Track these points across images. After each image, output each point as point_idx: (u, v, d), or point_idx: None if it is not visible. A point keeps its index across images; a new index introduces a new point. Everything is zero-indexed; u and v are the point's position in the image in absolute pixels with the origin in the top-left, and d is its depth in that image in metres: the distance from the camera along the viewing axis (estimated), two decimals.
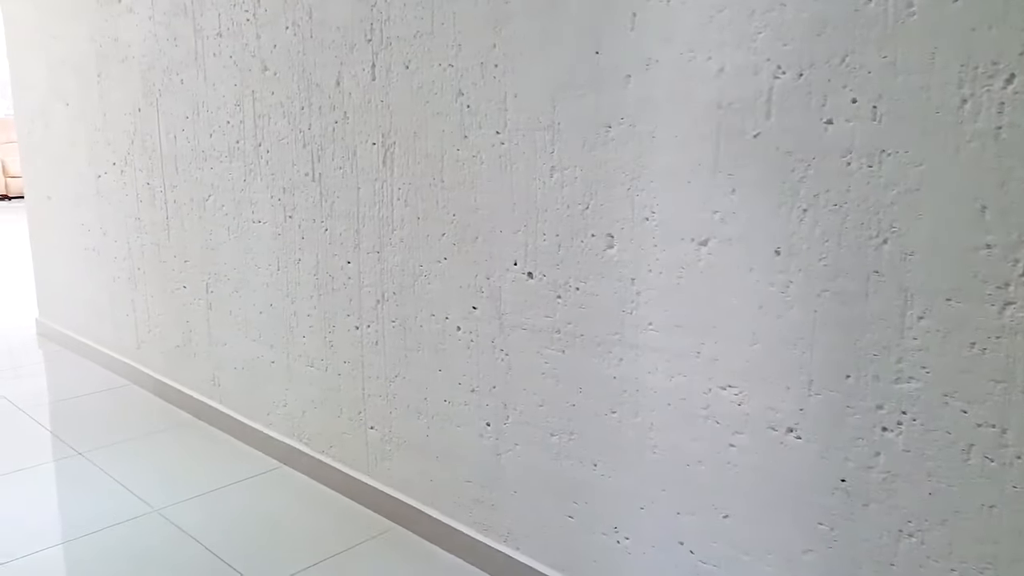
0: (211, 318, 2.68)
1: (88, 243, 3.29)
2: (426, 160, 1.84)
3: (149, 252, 2.93)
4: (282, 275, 2.34)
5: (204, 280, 2.68)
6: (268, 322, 2.43)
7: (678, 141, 1.39)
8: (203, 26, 2.43)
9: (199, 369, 2.79)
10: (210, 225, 2.59)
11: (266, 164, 2.31)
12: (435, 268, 1.88)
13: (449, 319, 1.87)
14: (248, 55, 2.29)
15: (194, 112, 2.55)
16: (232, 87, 2.37)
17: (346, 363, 2.18)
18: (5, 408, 2.89)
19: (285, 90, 2.19)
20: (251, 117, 2.33)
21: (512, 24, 1.61)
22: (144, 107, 2.78)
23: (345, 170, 2.06)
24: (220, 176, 2.50)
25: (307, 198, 2.20)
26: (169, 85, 2.64)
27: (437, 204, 1.84)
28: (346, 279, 2.13)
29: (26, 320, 4.02)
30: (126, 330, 3.16)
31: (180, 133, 2.64)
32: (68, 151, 3.29)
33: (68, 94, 3.20)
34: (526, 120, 1.62)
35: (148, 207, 2.88)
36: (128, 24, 2.77)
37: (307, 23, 2.08)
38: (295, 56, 2.13)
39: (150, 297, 2.98)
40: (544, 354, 1.68)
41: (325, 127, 2.09)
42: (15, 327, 3.93)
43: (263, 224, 2.37)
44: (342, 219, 2.10)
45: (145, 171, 2.85)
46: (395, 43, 1.86)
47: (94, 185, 3.17)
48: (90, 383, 3.16)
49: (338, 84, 2.03)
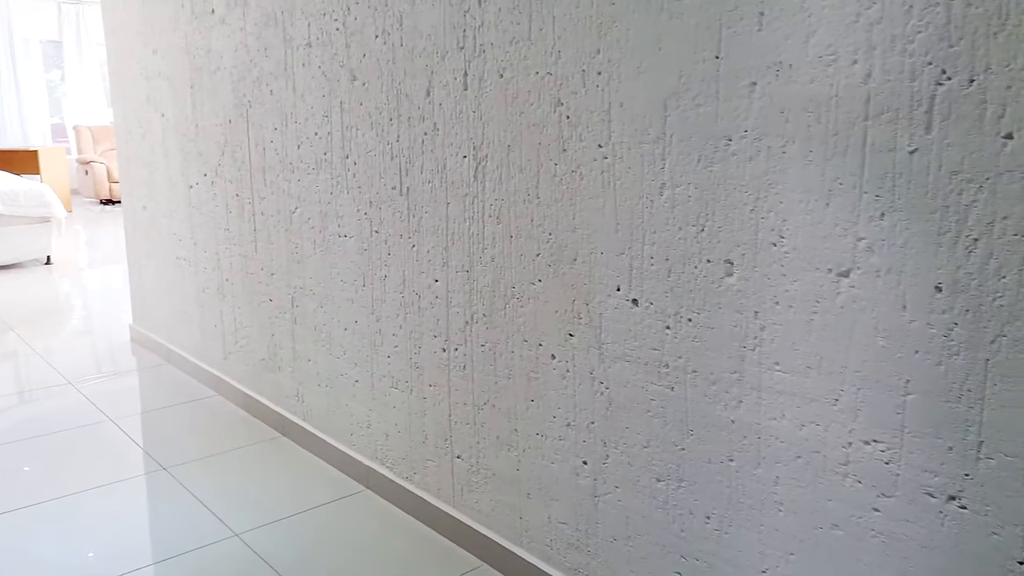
0: (296, 332, 2.63)
1: (180, 253, 3.31)
2: (520, 174, 1.71)
3: (237, 264, 2.90)
4: (367, 291, 2.26)
5: (290, 294, 2.62)
6: (352, 339, 2.35)
7: (814, 157, 1.21)
8: (293, 36, 2.38)
9: (284, 384, 2.74)
10: (296, 238, 2.53)
11: (353, 177, 2.23)
12: (528, 290, 1.74)
13: (543, 346, 1.73)
14: (337, 65, 2.21)
15: (283, 123, 2.50)
16: (320, 98, 2.30)
17: (432, 387, 2.07)
18: (95, 417, 2.91)
19: (373, 101, 2.10)
20: (339, 128, 2.25)
21: (619, 27, 1.46)
22: (234, 118, 2.76)
23: (434, 184, 1.95)
24: (307, 188, 2.44)
25: (394, 212, 2.10)
26: (259, 96, 2.60)
27: (531, 222, 1.70)
28: (433, 298, 2.02)
29: (121, 326, 4.10)
30: (214, 341, 3.16)
31: (268, 145, 2.59)
32: (162, 161, 3.32)
33: (163, 105, 3.23)
34: (632, 132, 1.47)
35: (237, 218, 2.85)
36: (220, 35, 2.75)
37: (397, 30, 1.98)
38: (384, 65, 2.04)
39: (237, 309, 2.96)
40: (650, 390, 1.52)
41: (414, 139, 1.99)
42: (111, 332, 4.01)
43: (349, 238, 2.29)
44: (430, 235, 1.99)
45: (234, 182, 2.83)
46: (489, 50, 1.73)
47: (186, 195, 3.18)
48: (178, 393, 3.17)
49: (428, 94, 1.92)
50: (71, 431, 2.78)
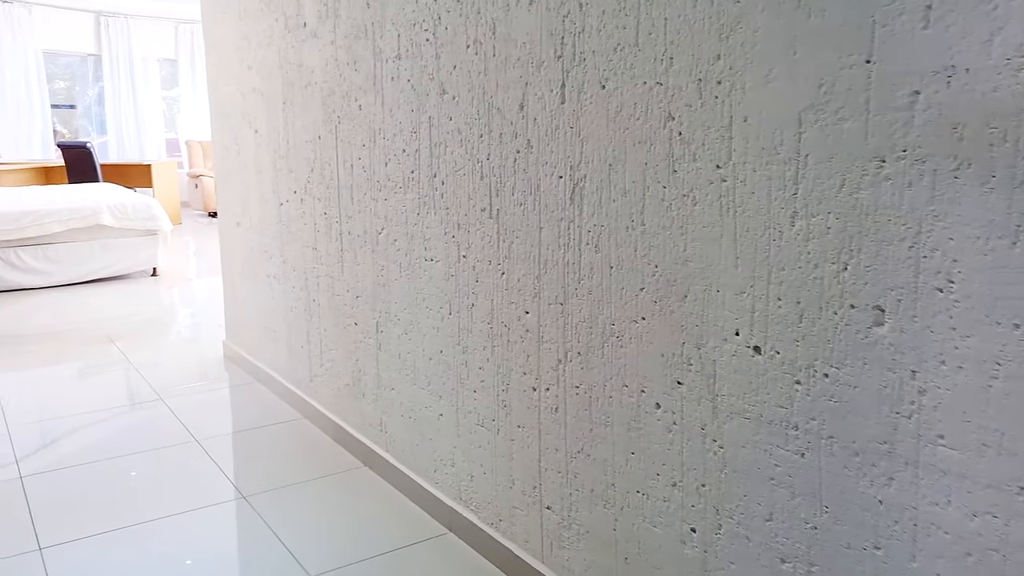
0: (380, 359, 2.50)
1: (270, 270, 3.26)
2: (623, 198, 1.51)
3: (324, 284, 2.81)
4: (453, 320, 2.10)
5: (374, 318, 2.50)
6: (437, 370, 2.20)
7: (997, 183, 0.97)
8: (382, 48, 2.26)
9: (367, 412, 2.62)
10: (382, 260, 2.41)
11: (441, 197, 2.09)
12: (630, 329, 1.54)
13: (646, 393, 1.52)
14: (426, 78, 2.08)
15: (370, 140, 2.39)
16: (409, 113, 2.17)
17: (520, 428, 1.89)
18: (180, 437, 2.87)
19: (463, 115, 1.95)
20: (427, 145, 2.11)
21: (744, 28, 1.25)
22: (324, 134, 2.67)
23: (526, 206, 1.77)
24: (394, 208, 2.31)
25: (483, 236, 1.94)
26: (348, 111, 2.50)
27: (635, 251, 1.50)
28: (523, 331, 1.84)
29: (216, 341, 4.12)
30: (300, 362, 3.08)
31: (356, 162, 2.49)
32: (255, 178, 3.28)
33: (257, 121, 3.19)
34: (758, 151, 1.25)
35: (324, 238, 2.76)
36: (312, 49, 2.67)
37: (490, 39, 1.82)
38: (475, 77, 1.89)
39: (323, 331, 2.87)
40: (774, 454, 1.29)
41: (505, 157, 1.82)
42: (206, 347, 4.03)
43: (435, 263, 2.15)
44: (521, 262, 1.81)
45: (323, 200, 2.74)
46: (590, 58, 1.55)
47: (276, 213, 3.12)
48: (264, 414, 3.11)
49: (522, 108, 1.75)
50: (156, 451, 2.75)
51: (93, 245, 5.48)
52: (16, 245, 5.17)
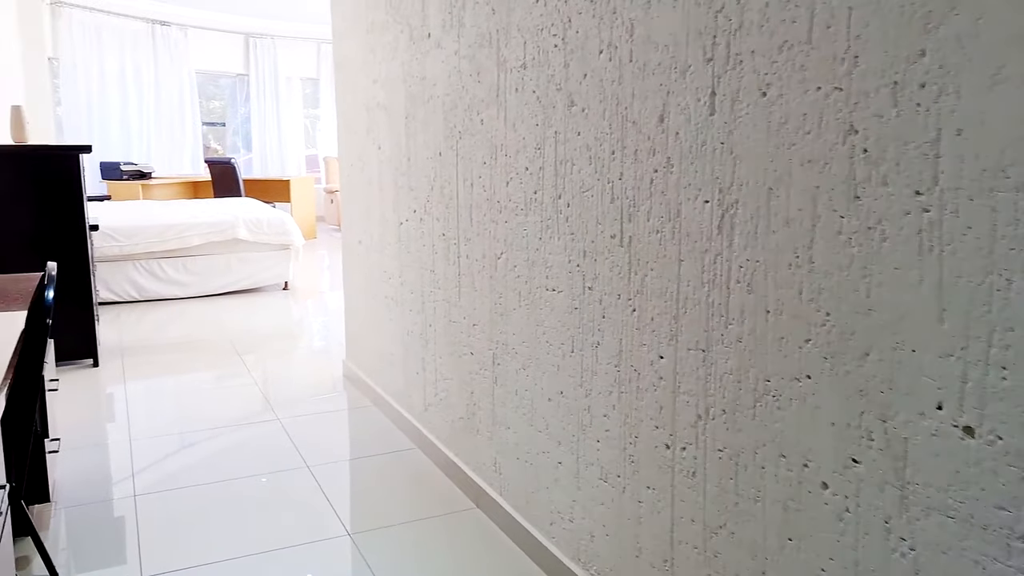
0: (496, 394, 2.31)
1: (388, 292, 3.15)
2: (785, 229, 1.24)
3: (440, 309, 2.66)
4: (576, 359, 1.87)
5: (491, 349, 2.31)
6: (557, 413, 1.98)
7: None
8: (507, 57, 2.07)
9: (481, 449, 2.43)
10: (501, 287, 2.22)
11: (565, 221, 1.87)
12: (791, 388, 1.26)
13: (810, 468, 1.24)
14: (553, 88, 1.87)
15: (492, 156, 2.21)
16: (533, 127, 1.97)
17: (650, 489, 1.63)
18: (292, 462, 2.78)
19: (593, 130, 1.73)
20: (552, 163, 1.90)
21: (960, 16, 0.96)
22: (444, 151, 2.52)
23: (663, 234, 1.53)
24: (514, 232, 2.11)
25: (612, 267, 1.70)
26: (469, 126, 2.33)
27: (800, 295, 1.22)
28: (656, 379, 1.59)
29: (338, 360, 4.08)
30: (416, 389, 2.94)
31: (477, 180, 2.31)
32: (377, 195, 3.19)
33: (380, 137, 3.10)
34: (978, 173, 0.96)
35: (442, 260, 2.61)
36: (435, 60, 2.53)
37: (626, 43, 1.59)
38: (608, 86, 1.66)
39: (439, 359, 2.71)
40: (991, 569, 0.98)
41: (641, 176, 1.58)
42: (327, 366, 3.99)
43: (558, 293, 1.93)
44: (656, 299, 1.57)
45: (442, 220, 2.59)
46: (748, 60, 1.29)
47: (396, 232, 3.01)
48: (378, 442, 2.99)
49: (661, 121, 1.51)
50: (268, 476, 2.67)
51: (230, 258, 5.64)
52: (159, 257, 5.39)
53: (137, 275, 5.33)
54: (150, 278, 5.38)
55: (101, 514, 2.41)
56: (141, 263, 5.34)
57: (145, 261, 5.35)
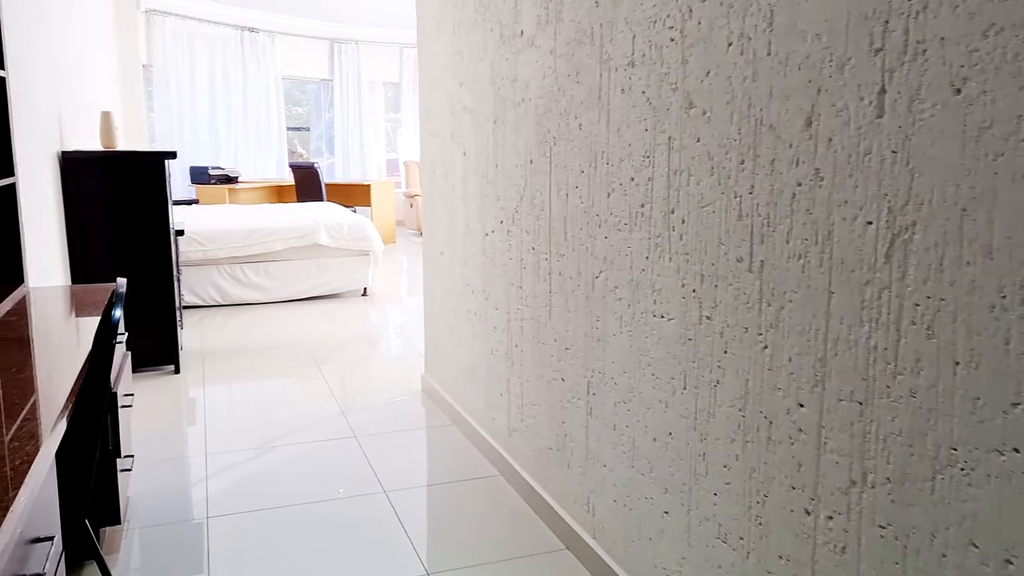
0: (590, 426, 2.08)
1: (471, 306, 2.97)
2: (987, 260, 0.98)
3: (528, 329, 2.45)
4: (689, 397, 1.63)
5: (586, 377, 2.09)
6: (663, 456, 1.74)
7: None
8: (611, 54, 1.85)
9: (572, 485, 2.21)
10: (598, 309, 2.00)
11: (679, 239, 1.63)
12: (989, 462, 1.00)
13: (1015, 566, 0.97)
14: (667, 88, 1.64)
15: (591, 165, 1.99)
16: (642, 132, 1.75)
17: (785, 561, 1.39)
18: (369, 486, 2.62)
19: (717, 135, 1.49)
20: (663, 173, 1.67)
21: None
22: (536, 158, 2.32)
23: (808, 260, 1.28)
24: (616, 249, 1.89)
25: (737, 295, 1.46)
26: (565, 131, 2.12)
27: (1006, 345, 0.96)
28: (794, 430, 1.34)
29: (417, 372, 3.92)
30: (499, 411, 2.75)
31: (573, 191, 2.10)
32: (461, 204, 3.01)
33: (466, 142, 2.92)
34: None
35: (531, 276, 2.40)
36: (528, 60, 2.33)
37: (763, 33, 1.35)
38: (738, 85, 1.42)
39: (525, 382, 2.50)
40: None
41: (779, 191, 1.34)
42: (406, 379, 3.84)
43: (667, 321, 1.70)
44: (796, 336, 1.32)
45: (531, 233, 2.38)
46: (934, 50, 1.03)
47: (481, 244, 2.82)
48: (459, 466, 2.80)
49: (809, 125, 1.26)
50: (343, 501, 2.52)
51: (310, 264, 5.58)
52: (243, 262, 5.37)
53: (221, 279, 5.33)
54: (233, 282, 5.37)
55: (173, 537, 2.30)
56: (224, 267, 5.34)
57: (228, 265, 5.34)
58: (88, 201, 3.60)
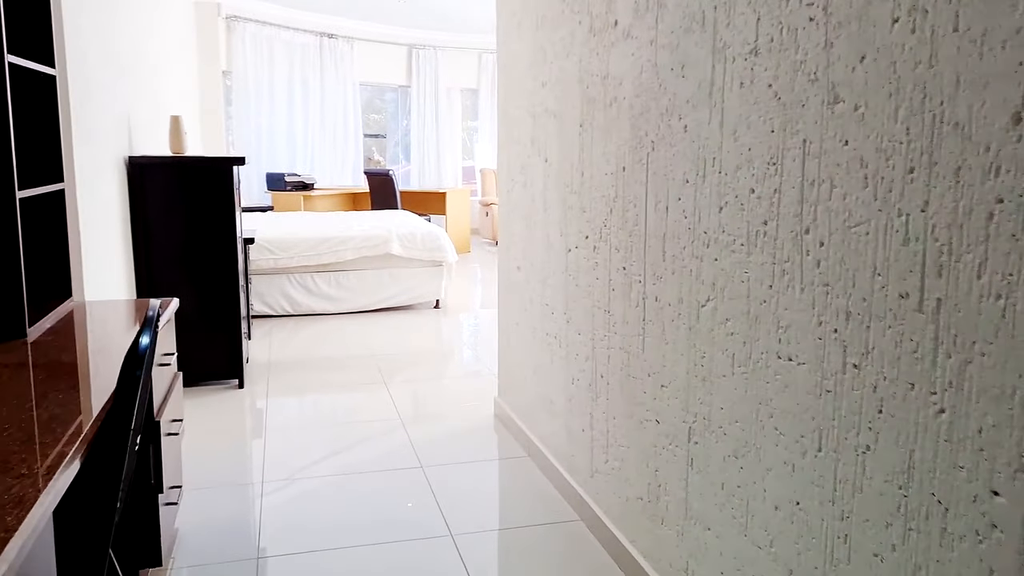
0: (691, 481, 1.78)
1: (550, 328, 2.69)
2: None
3: (616, 359, 2.16)
4: (825, 462, 1.31)
5: (686, 422, 1.78)
6: (788, 529, 1.42)
7: None
8: (728, 41, 1.55)
9: (666, 544, 1.91)
10: (704, 343, 1.69)
11: (815, 265, 1.32)
12: None
13: None
14: (803, 78, 1.33)
15: (698, 173, 1.69)
16: (766, 134, 1.44)
17: None
18: (436, 527, 2.37)
19: (874, 137, 1.17)
20: (795, 183, 1.36)
21: None
22: (630, 165, 2.03)
23: (1013, 303, 0.95)
24: (729, 274, 1.58)
25: (900, 340, 1.14)
26: (666, 134, 1.82)
27: None
28: (984, 525, 1.01)
29: (489, 394, 3.67)
30: (580, 448, 2.45)
31: (674, 203, 1.80)
32: (541, 216, 2.74)
33: (548, 148, 2.65)
34: None
35: (621, 299, 2.11)
36: (622, 54, 2.04)
37: (947, 3, 1.03)
38: (906, 71, 1.10)
39: (612, 418, 2.21)
40: None
41: (968, 209, 1.02)
42: (477, 401, 3.59)
43: (797, 365, 1.38)
44: (989, 402, 0.99)
45: (622, 251, 2.09)
46: None
47: (563, 260, 2.54)
48: (534, 507, 2.52)
49: (1018, 122, 0.94)
50: (406, 544, 2.27)
51: (381, 274, 5.41)
52: (313, 271, 5.24)
53: (291, 288, 5.20)
54: (303, 292, 5.23)
55: None
56: (295, 276, 5.21)
57: (299, 275, 5.22)
58: (154, 208, 3.49)
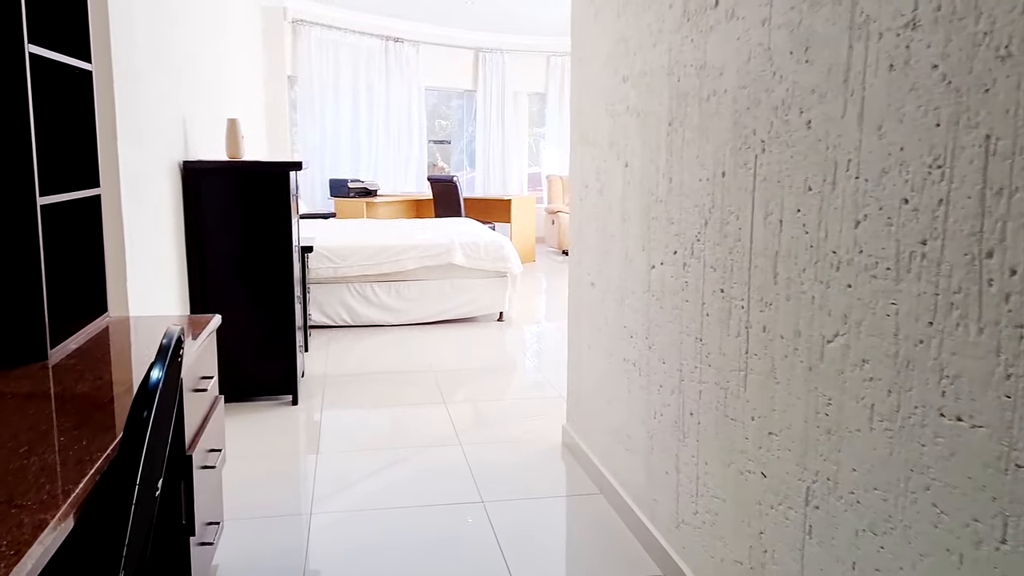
0: (808, 552, 1.46)
1: (628, 353, 2.39)
2: None
3: (710, 396, 1.85)
4: (1012, 558, 0.99)
5: (803, 480, 1.47)
6: None
7: None
8: (873, 14, 1.24)
9: None
10: (830, 388, 1.38)
11: (1003, 300, 1.00)
12: None
13: None
14: (989, 55, 1.02)
15: (825, 179, 1.38)
16: (928, 128, 1.13)
17: None
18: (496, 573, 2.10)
19: None
20: (973, 192, 1.05)
21: None
22: (732, 169, 1.72)
23: None
24: (869, 305, 1.27)
25: None
26: (782, 131, 1.52)
27: None
28: None
29: (555, 418, 3.38)
30: (663, 492, 2.15)
31: (791, 216, 1.49)
32: (619, 227, 2.45)
33: (629, 150, 2.36)
34: None
35: (717, 327, 1.80)
36: (724, 38, 1.74)
37: None
38: None
39: (703, 464, 1.90)
40: None
41: None
42: (543, 426, 3.31)
43: (971, 429, 1.06)
44: None
45: (720, 270, 1.79)
46: None
47: (645, 278, 2.25)
48: (608, 559, 2.23)
49: None
50: None
51: (443, 284, 5.19)
52: (373, 280, 5.05)
53: (350, 298, 5.02)
54: (363, 302, 5.05)
55: None
56: (355, 286, 5.02)
57: (359, 284, 5.03)
58: (208, 215, 3.32)
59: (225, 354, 3.40)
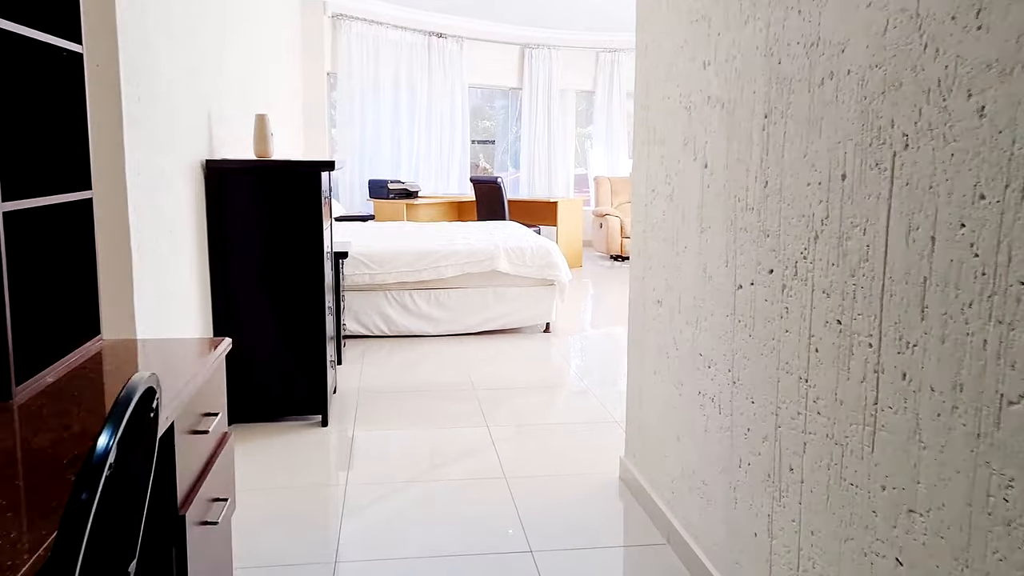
0: None
1: (704, 386, 2.04)
2: None
3: (818, 451, 1.49)
4: None
5: (958, 573, 1.11)
6: None
7: None
8: None
9: None
10: (1013, 466, 1.02)
11: None
12: None
13: None
14: None
15: (1008, 185, 1.02)
16: None
17: None
18: None
19: None
20: None
21: None
22: (856, 170, 1.37)
23: None
24: None
25: None
26: (935, 122, 1.16)
27: None
28: None
29: (613, 447, 3.03)
30: (751, 557, 1.80)
31: (952, 232, 1.13)
32: (695, 239, 2.10)
33: (708, 149, 2.01)
34: None
35: (831, 367, 1.44)
36: (846, 6, 1.39)
37: None
38: None
39: (807, 531, 1.54)
40: None
41: None
42: (597, 456, 2.96)
43: None
44: None
45: (835, 296, 1.43)
46: None
47: (729, 299, 1.89)
48: None
49: None
50: None
51: (486, 292, 4.87)
52: (412, 288, 4.75)
53: (388, 307, 4.73)
54: (401, 311, 4.75)
55: None
56: (392, 294, 4.74)
57: (397, 292, 4.74)
58: (232, 219, 3.05)
59: (248, 371, 3.13)
